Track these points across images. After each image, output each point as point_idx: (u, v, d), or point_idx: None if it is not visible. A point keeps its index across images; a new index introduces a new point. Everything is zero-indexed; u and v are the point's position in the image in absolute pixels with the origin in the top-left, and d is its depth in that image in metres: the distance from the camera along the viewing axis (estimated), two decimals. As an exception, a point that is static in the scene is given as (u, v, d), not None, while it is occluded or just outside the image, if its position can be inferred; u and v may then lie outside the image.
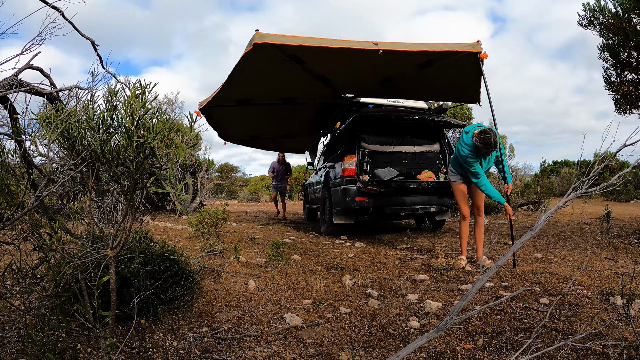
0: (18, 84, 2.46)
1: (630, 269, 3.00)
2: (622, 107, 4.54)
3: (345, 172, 4.92)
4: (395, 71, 4.68)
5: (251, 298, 2.53)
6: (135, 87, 1.49)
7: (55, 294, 1.42)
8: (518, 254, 3.74)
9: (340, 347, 1.82)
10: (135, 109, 1.43)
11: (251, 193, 19.92)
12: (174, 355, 1.70)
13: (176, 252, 2.31)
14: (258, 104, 5.86)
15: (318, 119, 7.06)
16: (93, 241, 1.72)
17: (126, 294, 1.97)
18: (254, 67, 4.34)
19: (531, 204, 9.17)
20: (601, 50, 4.62)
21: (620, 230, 4.97)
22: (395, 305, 2.37)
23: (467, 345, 1.82)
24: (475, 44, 3.81)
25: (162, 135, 1.46)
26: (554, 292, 2.54)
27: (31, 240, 1.42)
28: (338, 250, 4.36)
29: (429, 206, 5.12)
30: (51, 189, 1.47)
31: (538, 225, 1.51)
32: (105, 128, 1.49)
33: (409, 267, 3.42)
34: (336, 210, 5.26)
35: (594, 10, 4.49)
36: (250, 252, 4.15)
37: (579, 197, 2.39)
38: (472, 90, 5.02)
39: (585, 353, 1.68)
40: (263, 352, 1.76)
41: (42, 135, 1.52)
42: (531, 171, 15.63)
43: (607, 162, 1.63)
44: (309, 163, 8.71)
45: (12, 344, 1.71)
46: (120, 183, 1.60)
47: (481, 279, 1.40)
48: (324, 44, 3.63)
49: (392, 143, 5.40)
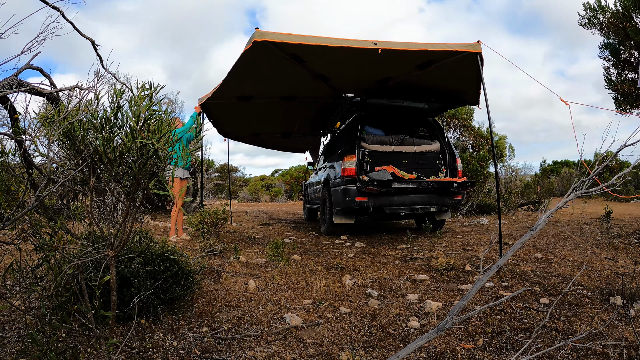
0: (18, 84, 2.46)
1: (630, 269, 3.00)
2: (622, 106, 4.54)
3: (345, 172, 4.92)
4: (395, 71, 4.68)
5: (251, 298, 2.53)
6: (142, 88, 1.49)
7: (56, 294, 1.42)
8: (518, 254, 3.74)
9: (340, 347, 1.82)
10: (141, 109, 1.44)
11: (251, 193, 19.93)
12: (174, 355, 1.70)
13: (176, 252, 2.31)
14: (258, 102, 5.87)
15: (318, 119, 7.07)
16: (93, 241, 1.72)
17: (126, 294, 1.97)
18: (254, 65, 4.34)
19: (531, 204, 9.17)
20: (601, 49, 4.62)
21: (620, 230, 4.98)
22: (395, 305, 2.37)
23: (467, 345, 1.82)
24: (476, 44, 3.81)
25: (166, 136, 1.46)
26: (554, 292, 2.54)
27: (31, 240, 1.42)
28: (338, 250, 4.36)
29: (429, 206, 5.12)
30: (51, 189, 1.47)
31: (538, 225, 1.51)
32: (109, 127, 1.49)
33: (409, 267, 3.42)
34: (336, 210, 5.26)
35: (594, 9, 4.49)
36: (250, 252, 4.15)
37: (579, 197, 2.39)
38: (471, 91, 5.02)
39: (585, 353, 1.68)
40: (263, 352, 1.76)
41: (42, 135, 1.52)
42: (531, 171, 15.62)
43: (608, 162, 1.63)
44: (309, 163, 8.71)
45: (12, 344, 1.71)
46: (121, 183, 1.60)
47: (481, 279, 1.40)
48: (324, 43, 3.63)
49: (392, 143, 5.41)
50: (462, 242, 4.72)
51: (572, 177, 15.22)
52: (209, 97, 5.38)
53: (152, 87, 1.51)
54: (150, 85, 1.51)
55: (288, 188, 22.42)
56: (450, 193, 5.07)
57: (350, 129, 5.47)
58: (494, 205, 7.84)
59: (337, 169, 5.30)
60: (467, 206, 8.21)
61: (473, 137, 9.16)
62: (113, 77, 2.76)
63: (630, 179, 13.00)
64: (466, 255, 3.87)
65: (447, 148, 5.52)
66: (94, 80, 1.80)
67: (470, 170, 8.73)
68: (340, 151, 5.49)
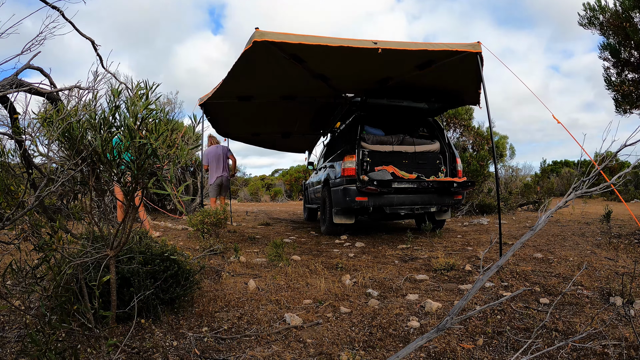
0: (18, 84, 2.46)
1: (630, 269, 3.00)
2: (622, 106, 4.54)
3: (345, 171, 4.92)
4: (395, 71, 4.68)
5: (251, 298, 2.53)
6: (138, 87, 1.49)
7: (56, 293, 1.42)
8: (518, 254, 3.74)
9: (340, 347, 1.82)
10: (138, 108, 1.43)
11: (251, 193, 19.93)
12: (174, 355, 1.70)
13: (176, 252, 2.31)
14: (258, 102, 5.87)
15: (318, 119, 7.06)
16: (93, 241, 1.72)
17: (126, 293, 1.97)
18: (254, 65, 4.34)
19: (531, 204, 9.17)
20: (601, 49, 4.62)
21: (620, 230, 4.97)
22: (395, 305, 2.37)
23: (467, 345, 1.82)
24: (476, 44, 3.81)
25: (164, 136, 1.46)
26: (554, 292, 2.54)
27: (31, 240, 1.42)
28: (338, 250, 4.36)
29: (429, 206, 5.12)
30: (51, 189, 1.47)
31: (538, 225, 1.51)
32: (107, 127, 1.49)
33: (409, 267, 3.42)
34: (336, 210, 5.26)
35: (594, 9, 4.49)
36: (250, 252, 4.15)
37: (579, 197, 2.39)
38: (471, 91, 5.02)
39: (585, 353, 1.68)
40: (263, 352, 1.76)
41: (42, 134, 1.52)
42: (531, 171, 15.62)
43: (608, 162, 1.63)
44: (309, 163, 8.71)
45: (12, 344, 1.71)
46: (121, 183, 1.60)
47: (481, 279, 1.40)
48: (324, 43, 3.63)
49: (392, 143, 5.40)
50: (462, 242, 4.72)
51: (572, 177, 15.22)
52: (209, 97, 5.38)
53: (148, 86, 1.51)
54: (146, 84, 1.51)
55: (288, 188, 22.41)
56: (450, 193, 5.07)
57: (350, 128, 5.47)
58: (494, 205, 7.84)
59: (337, 168, 5.30)
60: (467, 206, 8.21)
61: (473, 137, 9.16)
62: (113, 77, 2.76)
63: (630, 179, 13.00)
64: (466, 255, 3.87)
65: (447, 148, 5.51)
66: (93, 80, 1.80)
67: (470, 170, 8.73)
68: (340, 151, 5.49)
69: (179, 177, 9.39)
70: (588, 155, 2.26)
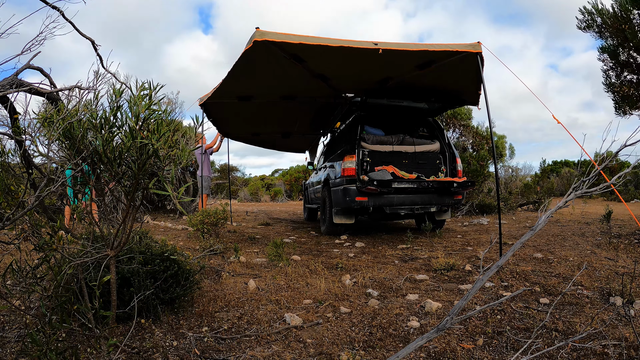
0: (18, 83, 2.46)
1: (630, 269, 3.00)
2: (622, 108, 4.54)
3: (345, 171, 4.92)
4: (395, 71, 4.69)
5: (251, 298, 2.53)
6: (142, 87, 1.49)
7: (56, 293, 1.42)
8: (518, 254, 3.74)
9: (340, 347, 1.82)
10: (140, 109, 1.43)
11: (251, 193, 19.93)
12: (174, 355, 1.70)
13: (176, 252, 2.31)
14: (258, 101, 5.87)
15: (318, 119, 7.06)
16: (93, 241, 1.72)
17: (126, 293, 1.97)
18: (254, 65, 4.35)
19: (531, 204, 9.17)
20: (600, 51, 4.62)
21: (620, 230, 4.98)
22: (395, 305, 2.37)
23: (467, 345, 1.82)
24: (476, 44, 3.82)
25: (165, 136, 1.46)
26: (554, 292, 2.54)
27: (31, 240, 1.42)
28: (338, 250, 4.36)
29: (429, 206, 5.12)
30: (51, 189, 1.47)
31: (538, 225, 1.51)
32: (108, 127, 1.49)
33: (409, 267, 3.42)
34: (336, 210, 5.27)
35: (590, 12, 4.49)
36: (250, 252, 4.15)
37: (579, 197, 2.39)
38: (471, 92, 5.03)
39: (585, 353, 1.68)
40: (263, 352, 1.76)
41: (42, 134, 1.52)
42: (531, 171, 15.62)
43: (608, 162, 1.63)
44: (309, 163, 8.72)
45: (12, 344, 1.71)
46: (121, 183, 1.60)
47: (481, 279, 1.40)
48: (324, 43, 3.64)
49: (392, 143, 5.41)
50: (462, 242, 4.72)
51: (572, 177, 15.22)
52: (209, 96, 5.39)
53: (151, 87, 1.51)
54: (150, 84, 1.51)
55: (288, 188, 22.41)
56: (450, 193, 5.07)
57: (350, 128, 5.47)
58: (494, 205, 7.84)
59: (337, 168, 5.31)
60: (467, 206, 8.21)
61: (473, 137, 9.17)
62: (113, 76, 2.76)
63: (630, 179, 13.01)
64: (466, 255, 3.87)
65: (447, 148, 5.52)
66: (94, 80, 1.80)
67: (470, 170, 8.74)
68: (340, 151, 5.49)
69: (179, 177, 9.39)
70: (588, 155, 2.28)
